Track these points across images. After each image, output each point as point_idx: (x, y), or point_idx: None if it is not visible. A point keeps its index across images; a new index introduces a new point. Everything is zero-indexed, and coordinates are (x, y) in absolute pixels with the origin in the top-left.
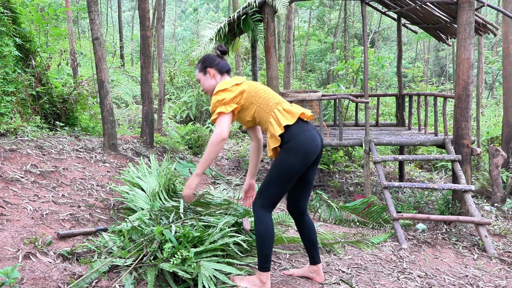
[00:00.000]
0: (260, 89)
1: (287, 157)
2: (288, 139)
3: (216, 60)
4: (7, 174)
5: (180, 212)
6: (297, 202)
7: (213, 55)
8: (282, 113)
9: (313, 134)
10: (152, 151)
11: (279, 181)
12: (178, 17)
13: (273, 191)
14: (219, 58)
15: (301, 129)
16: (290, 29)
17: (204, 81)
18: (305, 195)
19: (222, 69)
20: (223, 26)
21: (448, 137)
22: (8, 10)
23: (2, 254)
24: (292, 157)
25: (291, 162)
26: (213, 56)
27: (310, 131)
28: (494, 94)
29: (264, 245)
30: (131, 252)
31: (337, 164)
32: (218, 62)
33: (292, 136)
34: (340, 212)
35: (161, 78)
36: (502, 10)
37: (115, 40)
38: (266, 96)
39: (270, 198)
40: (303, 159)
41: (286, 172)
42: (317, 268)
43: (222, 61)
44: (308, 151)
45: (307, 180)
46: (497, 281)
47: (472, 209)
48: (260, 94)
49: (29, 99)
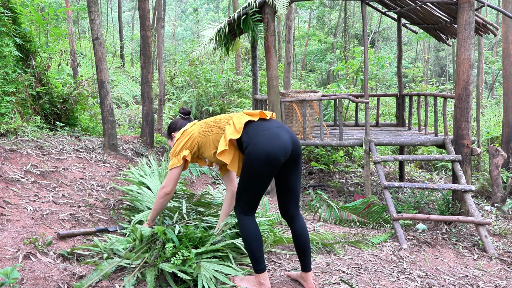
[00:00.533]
0: (210, 120)
1: (249, 162)
2: (246, 144)
3: (178, 122)
4: (7, 174)
5: (183, 213)
6: (284, 207)
7: (177, 119)
8: (232, 125)
9: (275, 132)
10: (152, 151)
11: (250, 187)
12: (178, 17)
13: (248, 195)
14: (182, 120)
15: (258, 130)
16: (290, 29)
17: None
18: (291, 201)
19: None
20: (223, 26)
21: (448, 137)
22: (8, 10)
23: (2, 254)
24: (254, 161)
25: (255, 166)
26: (176, 121)
27: (270, 129)
28: (494, 94)
29: (252, 248)
30: (137, 253)
31: (337, 164)
32: (180, 124)
33: (249, 140)
34: (340, 212)
35: (161, 78)
36: (502, 10)
37: (115, 40)
38: (216, 122)
39: (248, 202)
40: (267, 161)
41: (254, 177)
42: (305, 276)
43: (184, 122)
44: (270, 151)
45: (289, 185)
46: (497, 281)
47: (472, 209)
48: (211, 122)
49: (29, 99)
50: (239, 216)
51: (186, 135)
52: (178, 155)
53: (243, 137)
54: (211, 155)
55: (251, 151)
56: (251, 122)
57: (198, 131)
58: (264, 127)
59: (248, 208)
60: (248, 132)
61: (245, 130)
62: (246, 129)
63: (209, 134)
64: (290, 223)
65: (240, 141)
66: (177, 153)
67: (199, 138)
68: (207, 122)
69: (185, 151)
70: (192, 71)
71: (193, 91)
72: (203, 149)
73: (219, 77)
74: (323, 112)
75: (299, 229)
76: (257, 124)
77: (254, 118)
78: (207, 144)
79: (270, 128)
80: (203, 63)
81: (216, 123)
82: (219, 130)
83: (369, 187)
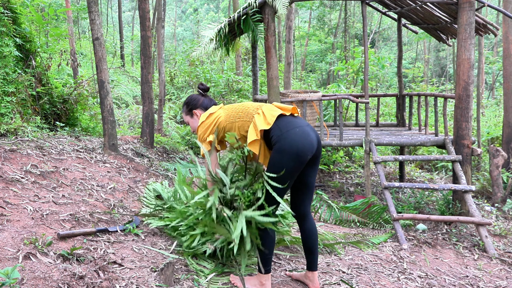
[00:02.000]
0: (237, 107)
1: (279, 158)
2: (277, 139)
3: (200, 100)
4: (7, 174)
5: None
6: (297, 204)
7: (196, 95)
8: (261, 115)
9: (304, 130)
10: (152, 151)
11: (276, 183)
12: (179, 17)
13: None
14: (203, 97)
15: (289, 127)
16: (291, 30)
17: (192, 123)
18: (305, 198)
19: (208, 107)
20: (223, 27)
21: (449, 138)
22: (9, 10)
23: (2, 254)
24: (284, 157)
25: (283, 163)
26: (196, 97)
27: (301, 127)
28: (495, 94)
29: (266, 248)
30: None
31: (338, 164)
32: (202, 102)
33: (281, 135)
34: (341, 212)
35: (162, 79)
36: (502, 10)
37: (116, 41)
38: (244, 109)
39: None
40: (296, 158)
41: (281, 174)
42: (311, 275)
43: (205, 99)
44: (299, 148)
45: (306, 182)
46: (498, 281)
47: (473, 209)
48: (238, 108)
49: (29, 99)
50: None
51: (212, 119)
52: (205, 141)
53: (274, 131)
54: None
55: (283, 146)
56: (282, 116)
57: (225, 116)
58: (295, 123)
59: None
60: (279, 126)
61: (276, 124)
62: (277, 123)
63: (235, 121)
64: (301, 221)
65: (269, 133)
66: (204, 139)
67: (225, 123)
68: (234, 108)
69: (211, 136)
70: (192, 71)
71: (193, 91)
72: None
73: (219, 77)
74: (323, 112)
75: (309, 228)
76: (288, 120)
77: (285, 113)
78: (231, 130)
79: (301, 125)
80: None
81: (243, 110)
82: (246, 117)
83: (369, 187)
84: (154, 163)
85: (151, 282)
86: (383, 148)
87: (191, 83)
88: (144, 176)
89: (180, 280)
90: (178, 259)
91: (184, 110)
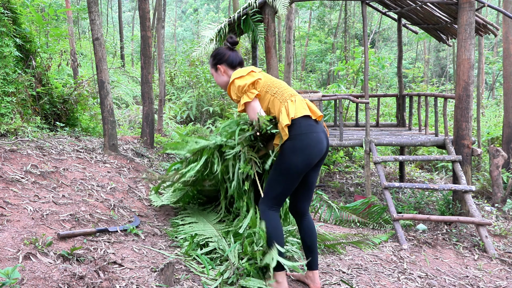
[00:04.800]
0: (275, 80)
1: (290, 156)
2: (294, 137)
3: (226, 54)
4: (7, 174)
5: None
6: (296, 203)
7: (224, 48)
8: (295, 104)
9: (320, 137)
10: (152, 152)
11: (281, 180)
12: (179, 17)
13: (278, 191)
14: (230, 51)
15: (310, 129)
16: (291, 30)
17: (216, 77)
18: (305, 197)
19: (233, 62)
20: (223, 27)
21: (449, 138)
22: (9, 10)
23: (2, 254)
24: (294, 156)
25: (293, 161)
26: (223, 51)
27: (318, 133)
28: (495, 94)
29: (274, 243)
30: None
31: (338, 164)
32: (228, 57)
33: (300, 134)
34: (341, 212)
35: (162, 79)
36: (502, 10)
37: (116, 41)
38: (281, 86)
39: (275, 198)
40: (305, 161)
41: (288, 171)
42: (312, 275)
43: (232, 54)
44: (311, 153)
45: (307, 182)
46: (498, 281)
47: (473, 209)
48: (276, 84)
49: (29, 99)
50: (262, 209)
51: (252, 76)
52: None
53: (295, 126)
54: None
55: (296, 145)
56: (307, 116)
57: (263, 82)
58: (314, 128)
59: (274, 203)
60: (301, 124)
61: (299, 121)
62: (301, 120)
63: (268, 92)
64: (299, 219)
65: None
66: (247, 90)
67: (262, 88)
68: (272, 81)
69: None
70: (192, 71)
71: (193, 92)
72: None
73: None
74: (324, 113)
75: (308, 226)
76: (310, 122)
77: (311, 116)
78: (261, 100)
79: (318, 131)
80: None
81: (280, 88)
82: (280, 97)
83: (369, 187)
84: (154, 163)
85: (151, 282)
86: (383, 148)
87: (191, 83)
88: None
89: (180, 280)
90: (178, 259)
91: (210, 62)
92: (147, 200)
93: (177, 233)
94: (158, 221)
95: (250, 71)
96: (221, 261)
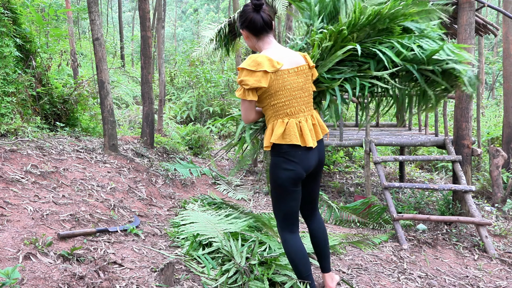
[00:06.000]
0: (288, 86)
1: (275, 172)
2: (277, 154)
3: (249, 17)
4: (7, 174)
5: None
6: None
7: (248, 8)
8: (285, 125)
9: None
10: (152, 152)
11: (279, 197)
12: (179, 17)
13: (282, 208)
14: (253, 13)
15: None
16: (290, 30)
17: (245, 39)
18: (306, 206)
19: (256, 27)
20: (223, 27)
21: (449, 138)
22: (9, 10)
23: (2, 254)
24: (280, 171)
25: (279, 176)
26: (246, 13)
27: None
28: (495, 94)
29: (298, 267)
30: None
31: (338, 164)
32: (250, 21)
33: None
34: (341, 212)
35: (162, 79)
36: (502, 10)
37: (116, 41)
38: (287, 97)
39: (285, 217)
40: (292, 175)
41: (280, 186)
42: (323, 277)
43: (256, 17)
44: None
45: (307, 191)
46: (498, 281)
47: (473, 209)
48: (284, 94)
49: (29, 99)
50: (281, 234)
51: (259, 81)
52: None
53: (277, 148)
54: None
55: (279, 162)
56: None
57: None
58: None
59: (287, 224)
60: (283, 149)
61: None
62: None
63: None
64: (307, 221)
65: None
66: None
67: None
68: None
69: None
70: (192, 71)
71: (193, 92)
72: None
73: (220, 78)
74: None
75: (315, 229)
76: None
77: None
78: (260, 101)
79: (305, 158)
80: (203, 63)
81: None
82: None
83: (369, 187)
84: (154, 163)
85: (151, 282)
86: (383, 148)
87: (191, 84)
88: (144, 176)
89: (180, 280)
90: (178, 259)
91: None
92: (147, 200)
93: (179, 234)
94: (158, 221)
95: (263, 71)
96: (223, 261)
